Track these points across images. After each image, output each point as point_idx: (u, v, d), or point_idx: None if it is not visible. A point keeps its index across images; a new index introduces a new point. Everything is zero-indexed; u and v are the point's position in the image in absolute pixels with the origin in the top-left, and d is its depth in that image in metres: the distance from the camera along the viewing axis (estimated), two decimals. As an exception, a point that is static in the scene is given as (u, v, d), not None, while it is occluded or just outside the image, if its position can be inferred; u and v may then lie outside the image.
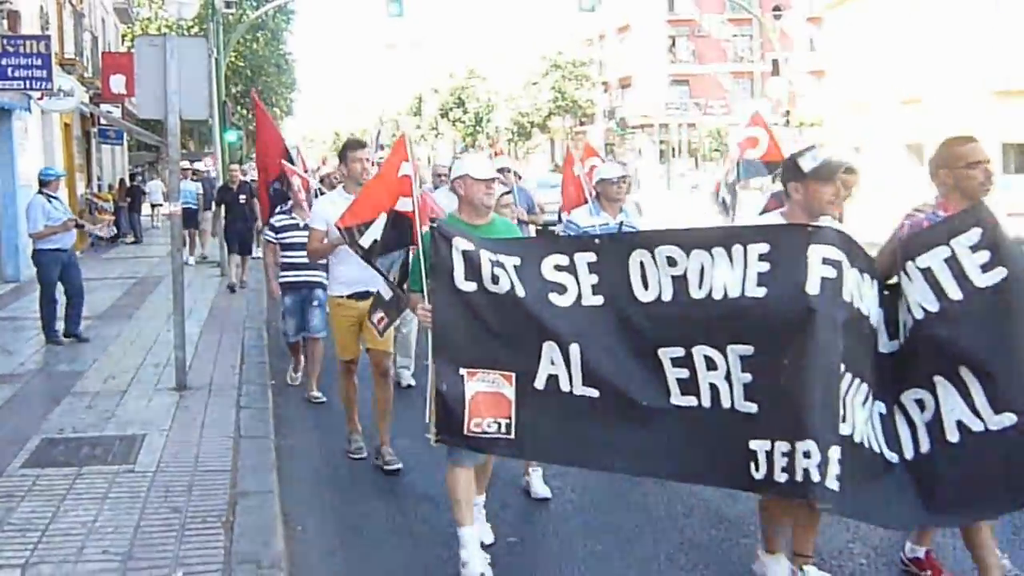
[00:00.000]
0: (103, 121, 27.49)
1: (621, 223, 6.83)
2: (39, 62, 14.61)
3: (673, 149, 60.31)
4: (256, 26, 39.58)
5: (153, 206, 30.15)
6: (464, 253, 4.51)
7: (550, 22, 70.64)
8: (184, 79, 8.86)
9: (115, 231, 25.89)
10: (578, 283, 4.45)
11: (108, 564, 4.87)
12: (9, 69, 14.53)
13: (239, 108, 42.14)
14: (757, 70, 40.91)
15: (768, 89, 41.35)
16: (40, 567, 4.85)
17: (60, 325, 11.27)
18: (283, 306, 9.52)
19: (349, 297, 6.88)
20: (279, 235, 9.32)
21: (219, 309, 14.08)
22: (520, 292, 4.44)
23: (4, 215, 17.29)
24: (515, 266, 4.48)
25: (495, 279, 4.45)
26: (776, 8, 57.04)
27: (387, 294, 6.01)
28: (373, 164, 7.15)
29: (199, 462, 6.61)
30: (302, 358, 9.63)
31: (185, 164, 20.18)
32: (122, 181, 30.21)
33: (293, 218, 9.20)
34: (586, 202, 7.72)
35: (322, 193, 8.62)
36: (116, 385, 9.12)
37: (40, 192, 11.36)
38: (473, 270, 4.49)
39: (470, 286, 4.50)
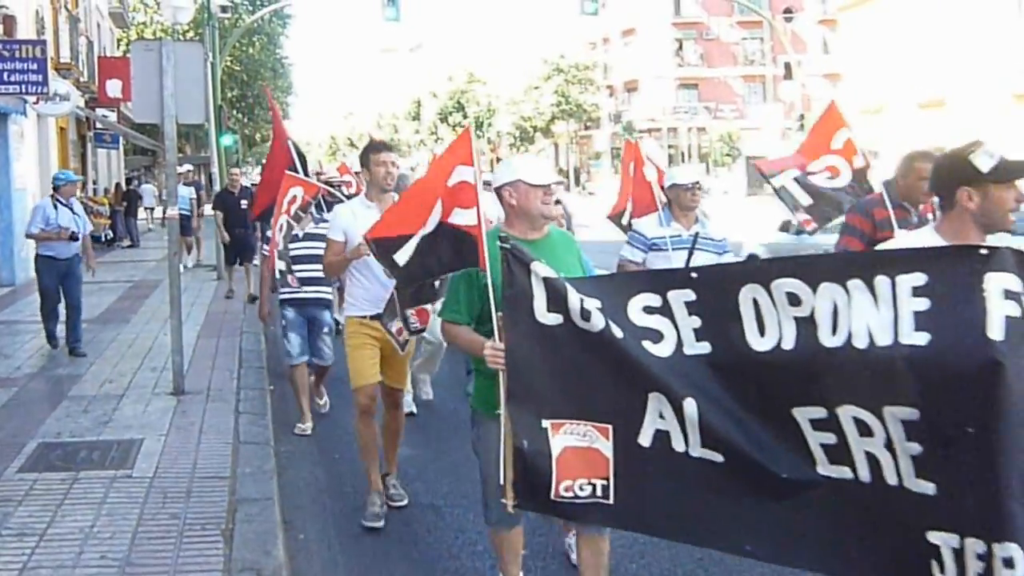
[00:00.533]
0: (99, 125, 27.56)
1: (696, 235, 6.34)
2: (35, 67, 14.62)
3: (682, 154, 60.04)
4: (252, 30, 39.61)
5: (147, 209, 30.18)
6: (546, 281, 3.70)
7: (552, 25, 69.57)
8: (180, 84, 8.84)
9: (111, 235, 25.99)
10: (676, 328, 3.55)
11: (106, 570, 4.84)
12: (5, 74, 14.54)
13: (235, 112, 42.20)
14: (769, 73, 40.24)
15: (781, 93, 40.69)
16: (38, 571, 4.81)
17: (61, 329, 11.16)
18: (283, 321, 8.57)
19: (373, 318, 6.03)
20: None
21: (216, 314, 14.05)
22: (618, 332, 3.57)
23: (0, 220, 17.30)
24: (599, 308, 3.63)
25: (585, 314, 3.60)
26: (787, 11, 56.15)
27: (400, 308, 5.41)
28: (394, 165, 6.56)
29: (197, 468, 6.57)
30: (303, 394, 8.46)
31: (180, 168, 19.91)
32: (118, 185, 30.24)
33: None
34: (656, 210, 6.95)
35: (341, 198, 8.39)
36: (113, 389, 9.10)
37: (52, 196, 11.10)
38: (558, 301, 3.67)
39: (555, 319, 3.68)
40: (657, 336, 3.55)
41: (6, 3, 15.28)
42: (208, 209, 20.34)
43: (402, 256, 4.61)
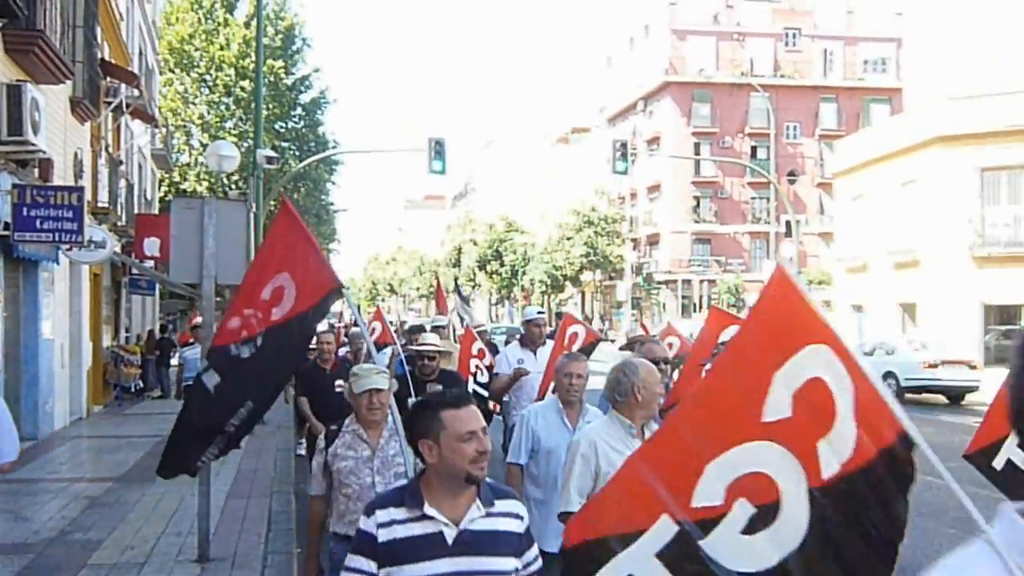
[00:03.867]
0: (134, 271, 28.07)
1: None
2: (70, 214, 14.76)
3: (694, 304, 62.30)
4: (299, 175, 40.71)
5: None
6: None
7: (584, 179, 77.00)
8: (221, 243, 9.02)
9: (141, 385, 26.29)
10: None
11: None
12: (38, 221, 14.60)
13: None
14: (772, 231, 44.10)
15: (782, 250, 44.28)
16: None
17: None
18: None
19: None
20: None
21: (247, 471, 14.04)
22: None
23: (25, 371, 17.40)
24: None
25: None
26: (791, 173, 69.31)
27: None
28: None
29: (220, 647, 6.54)
30: None
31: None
32: (151, 332, 30.70)
33: None
34: None
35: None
36: (134, 557, 9.08)
37: None
38: None
39: None
40: None
41: (43, 146, 15.72)
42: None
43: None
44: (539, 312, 11.21)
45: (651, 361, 6.38)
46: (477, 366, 10.93)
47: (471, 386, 10.42)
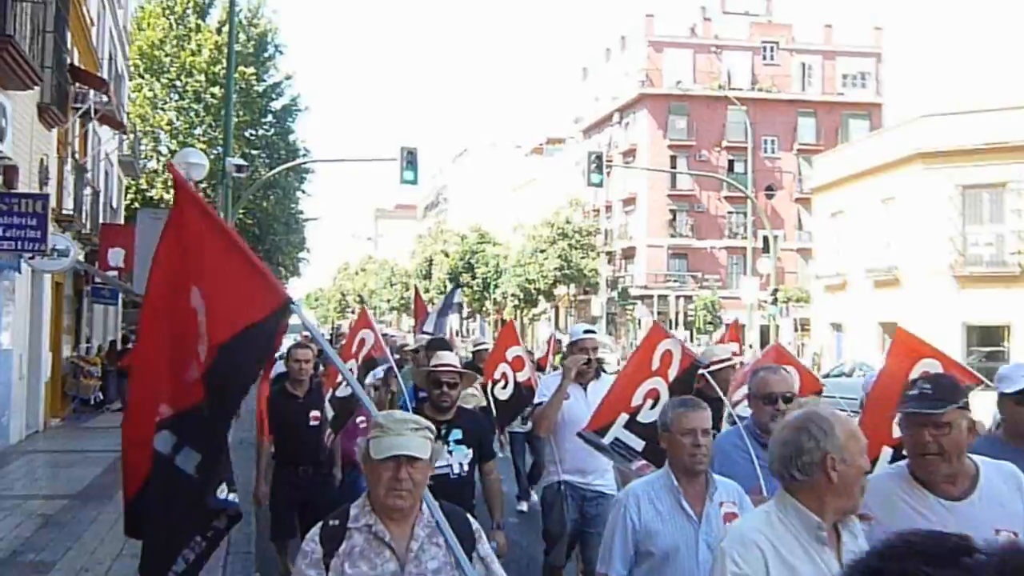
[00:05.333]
0: (97, 280, 27.79)
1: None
2: (34, 222, 14.67)
3: (670, 321, 62.46)
4: (268, 184, 40.49)
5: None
6: None
7: (559, 191, 77.16)
8: (189, 254, 8.81)
9: (101, 397, 25.91)
10: None
11: None
12: (1, 228, 14.55)
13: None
14: (749, 246, 44.40)
15: (759, 266, 44.01)
16: None
17: None
18: None
19: None
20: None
21: (208, 492, 13.78)
22: None
23: (-16, 380, 17.22)
24: None
25: None
26: (769, 188, 69.03)
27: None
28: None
29: None
30: None
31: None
32: (113, 343, 30.32)
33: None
34: None
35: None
36: (89, 580, 8.86)
37: None
38: None
39: None
40: None
41: (9, 153, 15.48)
42: None
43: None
44: (588, 331, 7.85)
45: (766, 398, 5.37)
46: (504, 374, 9.67)
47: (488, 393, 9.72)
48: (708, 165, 68.70)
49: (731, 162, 69.40)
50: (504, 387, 9.61)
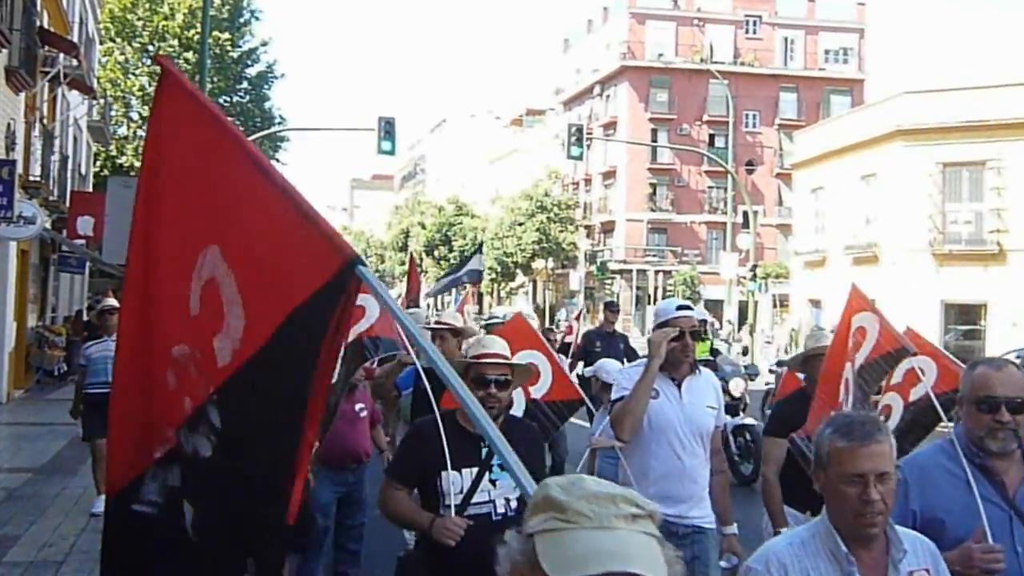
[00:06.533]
0: (65, 248, 27.57)
1: None
2: (0, 188, 14.59)
3: (649, 296, 62.58)
4: (240, 152, 40.22)
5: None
6: None
7: (539, 164, 77.10)
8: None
9: (65, 368, 25.72)
10: None
11: None
12: None
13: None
14: (729, 221, 44.61)
15: (739, 242, 44.92)
16: None
17: None
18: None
19: None
20: None
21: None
22: None
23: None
24: None
25: None
26: (749, 163, 69.16)
27: None
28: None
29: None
30: None
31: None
32: (79, 312, 30.12)
33: None
34: None
35: None
36: (52, 554, 8.83)
37: None
38: None
39: None
40: None
41: (-26, 118, 15.38)
42: None
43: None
44: (682, 307, 5.59)
45: (984, 403, 3.72)
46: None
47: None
48: (689, 139, 68.59)
49: (712, 136, 69.36)
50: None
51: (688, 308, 5.55)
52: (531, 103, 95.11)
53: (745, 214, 41.04)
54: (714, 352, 16.08)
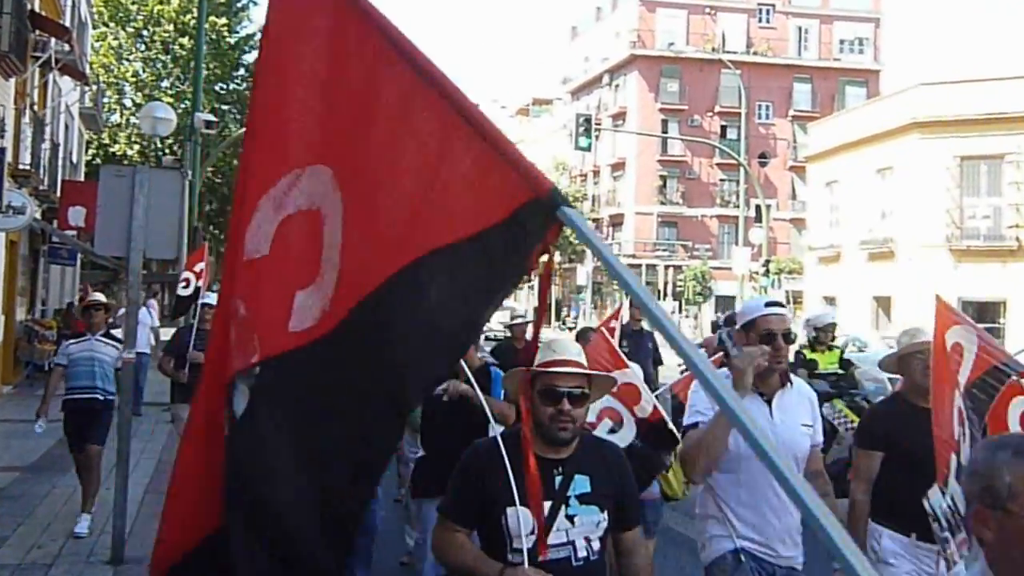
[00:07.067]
0: (55, 239, 27.51)
1: None
2: (-12, 177, 14.55)
3: (659, 292, 62.90)
4: (238, 141, 40.16)
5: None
6: None
7: (546, 154, 76.87)
8: (152, 215, 8.76)
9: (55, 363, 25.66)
10: None
11: None
12: None
13: (211, 228, 42.44)
14: (741, 215, 44.50)
15: (751, 236, 45.25)
16: None
17: None
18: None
19: None
20: None
21: (168, 463, 13.70)
22: None
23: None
24: None
25: None
26: (762, 155, 69.25)
27: None
28: None
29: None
30: None
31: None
32: (70, 305, 30.10)
33: None
34: None
35: None
36: (41, 556, 8.77)
37: None
38: None
39: None
40: None
41: (-37, 104, 15.34)
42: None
43: None
44: (772, 305, 4.88)
45: None
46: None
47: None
48: (700, 130, 68.43)
49: (724, 128, 69.32)
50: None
51: (779, 305, 4.89)
52: (538, 92, 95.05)
53: (758, 208, 41.05)
54: (845, 364, 13.72)
